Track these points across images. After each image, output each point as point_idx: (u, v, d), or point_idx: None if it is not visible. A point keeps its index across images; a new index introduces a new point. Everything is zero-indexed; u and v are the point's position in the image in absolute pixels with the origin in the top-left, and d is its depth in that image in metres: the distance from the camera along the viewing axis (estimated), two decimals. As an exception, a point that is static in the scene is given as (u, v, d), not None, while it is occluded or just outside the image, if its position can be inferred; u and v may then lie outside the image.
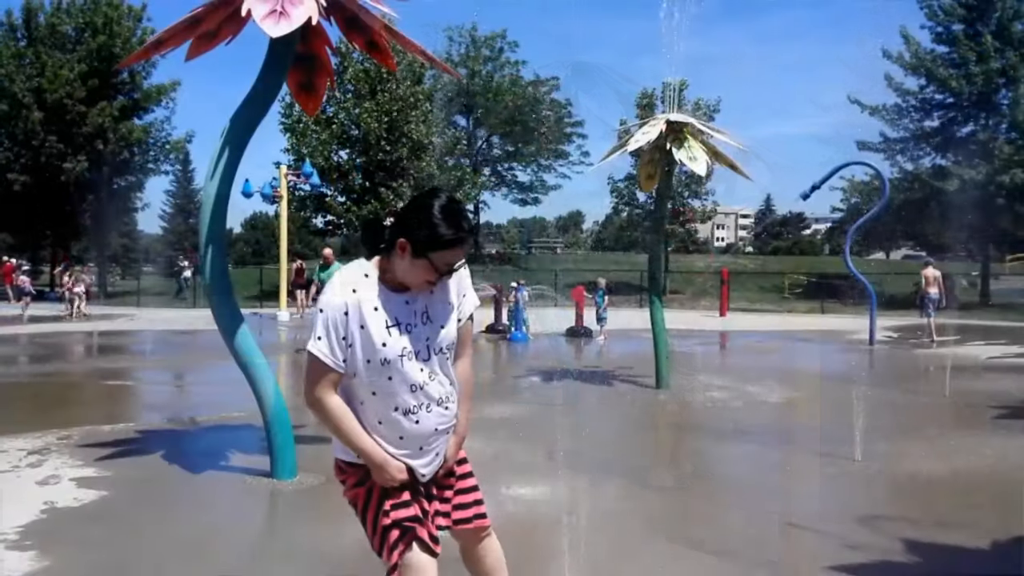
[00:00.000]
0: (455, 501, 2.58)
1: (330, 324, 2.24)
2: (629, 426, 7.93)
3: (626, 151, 10.11)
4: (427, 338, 2.35)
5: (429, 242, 2.20)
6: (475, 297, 2.54)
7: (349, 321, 2.25)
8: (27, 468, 5.58)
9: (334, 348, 2.25)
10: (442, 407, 2.41)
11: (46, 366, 12.57)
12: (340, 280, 2.30)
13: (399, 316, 2.31)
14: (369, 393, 2.34)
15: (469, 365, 2.62)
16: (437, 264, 2.23)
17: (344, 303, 2.25)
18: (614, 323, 19.15)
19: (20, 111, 32.59)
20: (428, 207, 2.22)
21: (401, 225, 2.25)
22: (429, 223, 2.20)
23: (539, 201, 56.22)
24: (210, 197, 5.33)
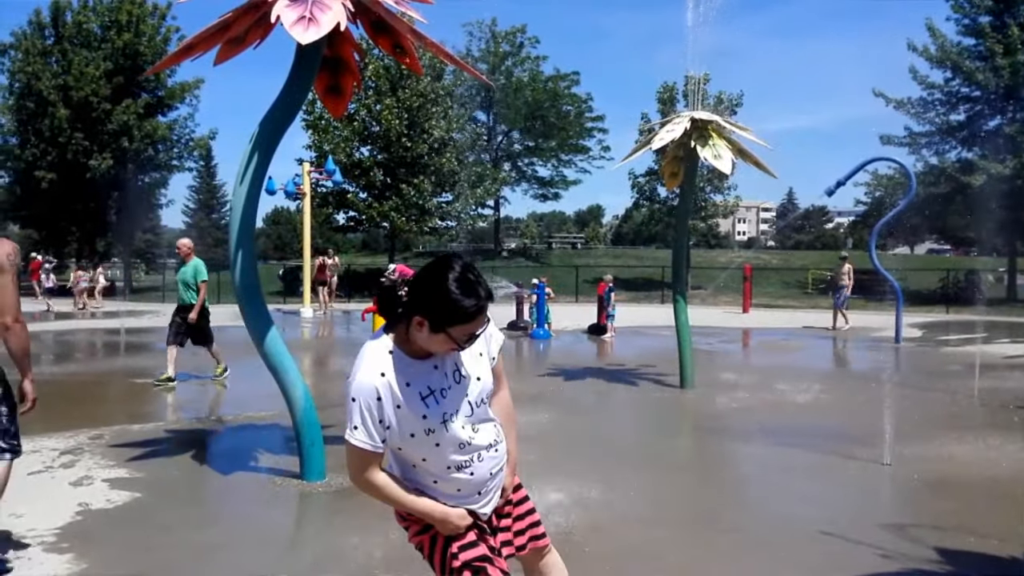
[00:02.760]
0: (515, 528, 2.62)
1: (364, 411, 2.19)
2: (655, 427, 7.90)
3: (650, 149, 10.08)
4: (465, 395, 2.33)
5: (447, 318, 2.13)
6: (499, 333, 2.49)
7: (383, 405, 2.20)
8: (60, 468, 5.66)
9: (372, 434, 2.21)
10: (492, 450, 2.41)
11: (73, 363, 12.74)
12: (366, 364, 2.23)
13: (431, 384, 2.27)
14: (420, 459, 2.33)
15: (507, 395, 2.64)
16: (456, 337, 2.17)
17: (375, 388, 2.19)
18: (636, 320, 19.14)
19: (47, 109, 33.01)
20: (443, 280, 2.12)
21: (416, 300, 2.17)
22: (446, 298, 2.11)
23: (559, 196, 56.18)
24: (240, 200, 5.37)
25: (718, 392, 9.51)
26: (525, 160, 54.59)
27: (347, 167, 32.59)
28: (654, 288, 35.02)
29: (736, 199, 39.74)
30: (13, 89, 34.51)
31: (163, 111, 36.73)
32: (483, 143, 50.46)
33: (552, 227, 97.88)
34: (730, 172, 9.83)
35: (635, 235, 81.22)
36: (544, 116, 49.98)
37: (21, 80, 33.73)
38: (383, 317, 2.29)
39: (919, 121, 32.26)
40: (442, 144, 35.63)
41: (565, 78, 50.87)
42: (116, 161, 34.05)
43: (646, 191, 40.06)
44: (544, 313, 17.02)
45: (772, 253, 56.15)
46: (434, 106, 35.07)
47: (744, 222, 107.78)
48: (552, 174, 54.54)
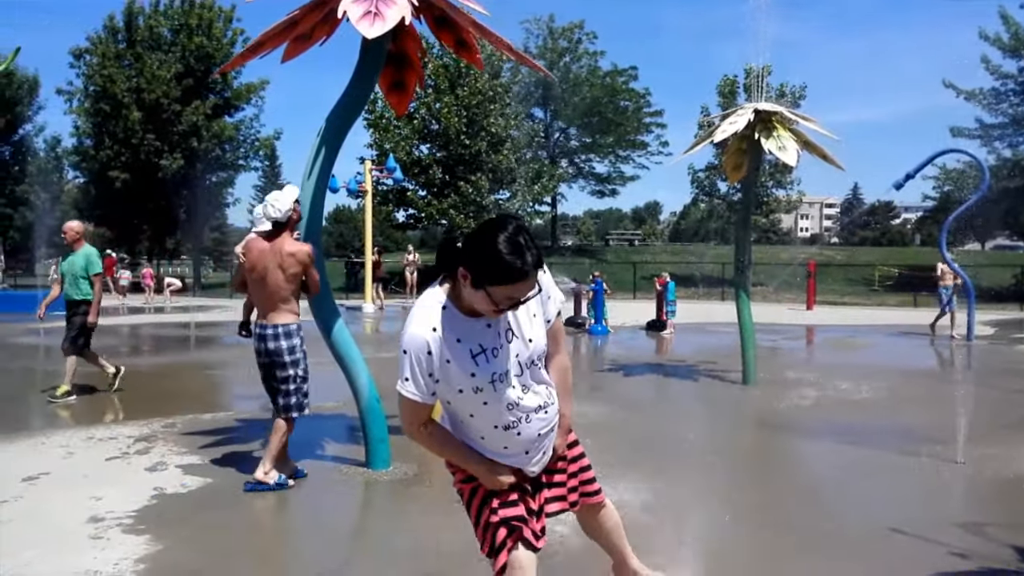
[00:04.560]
0: (569, 484, 2.67)
1: (414, 364, 2.22)
2: (717, 423, 7.80)
3: (712, 141, 9.94)
4: (516, 354, 2.32)
5: (487, 274, 2.10)
6: (559, 294, 2.49)
7: (433, 359, 2.22)
8: (135, 455, 5.87)
9: (421, 386, 2.25)
10: (541, 412, 2.41)
11: (147, 356, 13.18)
12: (419, 316, 2.24)
13: (483, 342, 2.27)
14: (467, 415, 2.37)
15: (565, 358, 2.62)
16: (496, 298, 2.13)
17: (426, 342, 2.21)
18: (696, 316, 18.91)
19: (121, 111, 34.20)
20: (492, 237, 2.09)
21: (464, 252, 2.16)
22: (488, 254, 2.09)
23: (617, 193, 55.83)
24: (307, 195, 5.47)
25: (783, 389, 9.34)
26: (582, 156, 54.36)
27: (407, 165, 32.97)
28: (713, 285, 34.51)
29: (800, 194, 38.96)
30: (89, 92, 35.83)
31: (230, 112, 37.73)
32: (540, 140, 50.43)
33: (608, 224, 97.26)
34: (795, 164, 9.63)
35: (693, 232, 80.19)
36: (602, 112, 49.68)
37: (97, 83, 34.98)
38: (441, 270, 2.30)
39: (991, 112, 31.13)
40: (500, 141, 35.74)
41: (623, 73, 50.50)
42: (186, 161, 35.12)
43: (706, 186, 39.56)
44: (602, 309, 16.94)
45: (836, 249, 54.83)
46: (492, 103, 35.22)
47: (807, 218, 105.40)
48: (610, 170, 54.22)
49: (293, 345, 4.99)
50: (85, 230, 8.59)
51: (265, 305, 4.98)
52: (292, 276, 4.98)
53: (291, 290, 4.99)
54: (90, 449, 6.02)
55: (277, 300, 4.95)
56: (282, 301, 4.96)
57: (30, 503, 4.66)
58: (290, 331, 5.00)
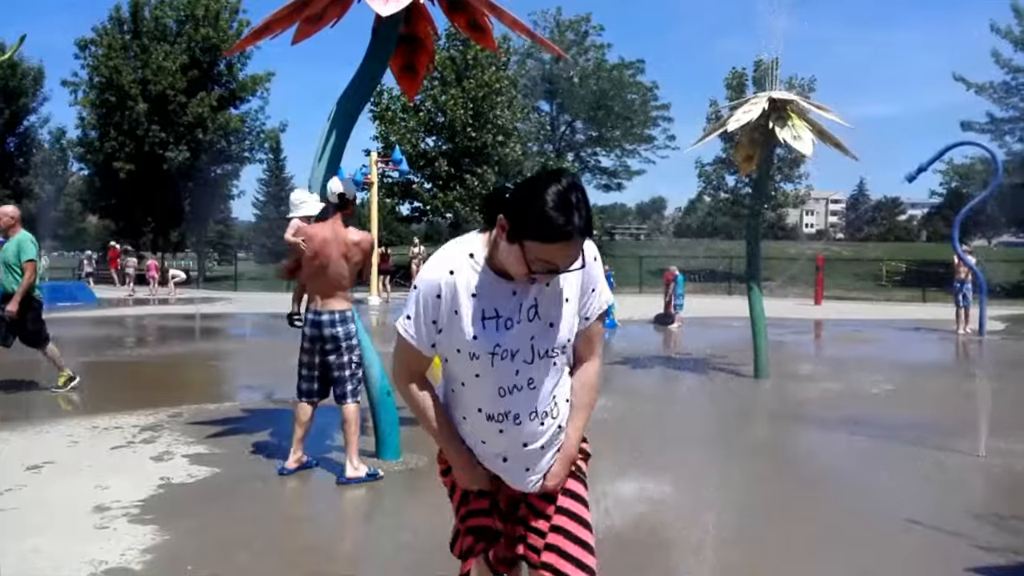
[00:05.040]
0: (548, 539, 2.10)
1: (421, 304, 1.97)
2: (729, 416, 7.67)
3: (726, 131, 9.80)
4: (532, 337, 1.99)
5: (526, 226, 1.81)
6: (609, 293, 2.16)
7: (442, 304, 1.95)
8: (141, 444, 5.76)
9: (421, 330, 1.99)
10: (536, 421, 2.05)
11: (151, 347, 13.10)
12: (440, 256, 2.00)
13: (500, 308, 1.97)
14: (459, 383, 2.07)
15: (595, 371, 2.20)
16: (529, 256, 1.83)
17: (438, 284, 1.95)
18: (702, 310, 18.79)
19: (127, 102, 34.11)
20: (542, 187, 1.81)
21: (511, 198, 1.87)
22: (533, 203, 1.80)
23: (623, 187, 55.60)
24: (317, 180, 5.36)
25: (796, 383, 9.22)
26: (588, 150, 54.12)
27: (413, 157, 32.85)
28: (719, 279, 34.36)
29: (807, 188, 38.74)
30: (94, 83, 35.74)
31: (235, 104, 37.62)
32: (546, 133, 50.26)
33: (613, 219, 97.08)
34: (810, 154, 9.49)
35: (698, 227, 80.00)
36: (608, 105, 49.45)
37: (103, 74, 34.89)
38: (485, 218, 2.00)
39: (1002, 106, 30.90)
40: (506, 134, 35.61)
41: (630, 66, 50.22)
42: (191, 153, 35.03)
43: (713, 180, 39.38)
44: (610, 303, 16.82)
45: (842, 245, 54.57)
46: (499, 96, 35.07)
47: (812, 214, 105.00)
48: (615, 164, 54.00)
49: (350, 331, 4.99)
50: (21, 215, 7.86)
51: (323, 292, 4.96)
52: (355, 265, 5.00)
53: (350, 278, 5.00)
54: (95, 438, 5.91)
55: (336, 288, 4.95)
56: (340, 289, 4.97)
57: (34, 491, 4.56)
58: (346, 317, 4.98)
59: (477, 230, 2.05)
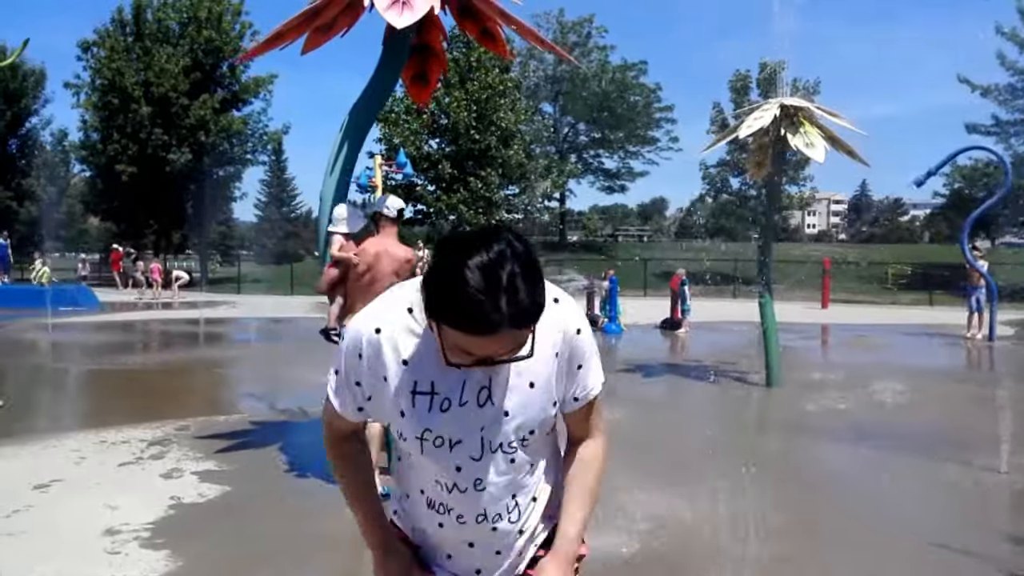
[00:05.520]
0: None
1: (343, 360, 1.56)
2: (742, 427, 7.57)
3: (738, 137, 9.72)
4: (481, 427, 1.53)
5: (441, 308, 1.32)
6: (600, 373, 1.67)
7: (363, 367, 1.53)
8: (150, 460, 5.67)
9: (344, 392, 1.58)
10: (486, 525, 1.60)
11: (156, 353, 13.01)
12: (372, 308, 1.58)
13: (436, 382, 1.50)
14: (407, 454, 1.63)
15: (598, 449, 1.80)
16: (447, 342, 1.37)
17: (360, 341, 1.52)
18: (709, 315, 18.69)
19: (129, 104, 34.03)
20: (461, 257, 1.30)
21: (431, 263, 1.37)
22: (447, 280, 1.30)
23: (626, 188, 55.59)
24: (330, 190, 5.28)
25: (808, 391, 9.11)
26: (591, 152, 54.10)
27: (416, 160, 32.78)
28: (725, 282, 34.24)
29: (812, 191, 38.66)
30: (96, 86, 35.66)
31: (238, 106, 37.54)
32: (550, 135, 50.21)
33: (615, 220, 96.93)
34: (823, 161, 9.41)
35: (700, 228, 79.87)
36: (611, 107, 49.40)
37: (105, 77, 34.81)
38: None
39: (1008, 109, 30.82)
40: (510, 136, 35.55)
41: (633, 68, 50.21)
42: (193, 155, 34.95)
43: (717, 182, 39.31)
44: (616, 308, 16.70)
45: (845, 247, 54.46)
46: (502, 98, 35.01)
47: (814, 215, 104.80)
48: (619, 166, 53.95)
49: None
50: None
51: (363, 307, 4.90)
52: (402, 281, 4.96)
53: None
54: (102, 453, 5.82)
55: None
56: None
57: (43, 513, 4.47)
58: None
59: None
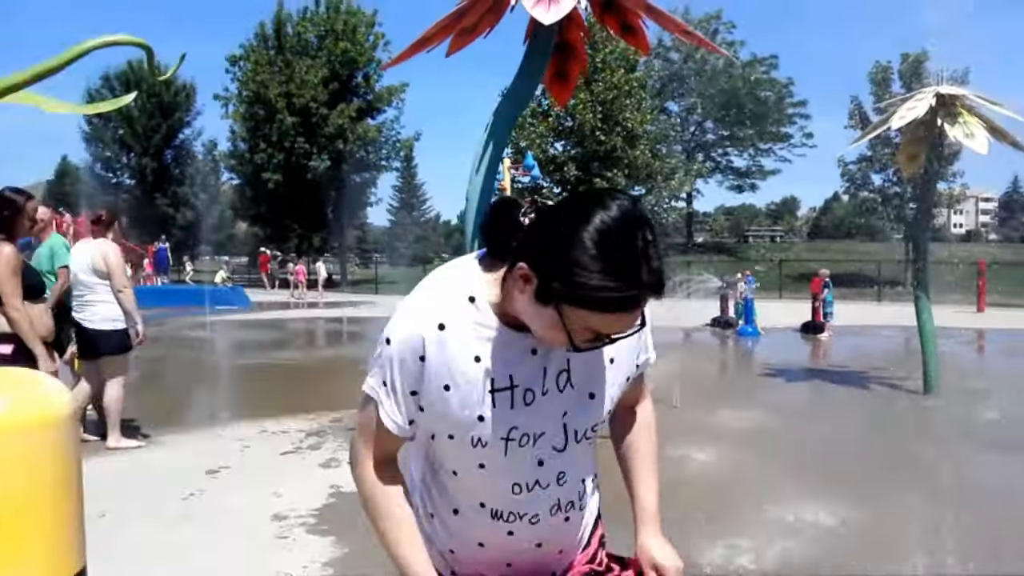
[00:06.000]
0: None
1: (395, 367, 1.33)
2: (901, 438, 7.12)
3: (889, 128, 9.21)
4: (564, 415, 1.40)
5: (569, 289, 1.18)
6: (651, 341, 1.55)
7: (427, 371, 1.33)
8: (308, 450, 5.93)
9: (396, 405, 1.36)
10: (560, 516, 1.48)
11: (304, 349, 13.66)
12: (423, 300, 1.36)
13: (516, 373, 1.35)
14: (450, 470, 1.45)
15: (651, 411, 1.67)
16: (572, 325, 1.22)
17: (421, 341, 1.31)
18: (852, 318, 17.82)
19: (275, 116, 36.04)
20: (594, 227, 1.16)
21: (534, 239, 1.24)
22: (579, 257, 1.16)
23: (756, 187, 53.94)
24: (476, 190, 5.36)
25: (971, 400, 8.49)
26: (719, 150, 52.82)
27: (541, 163, 32.96)
28: (865, 284, 32.59)
29: (962, 187, 36.21)
30: (243, 97, 37.94)
31: (372, 114, 39.02)
32: (676, 134, 49.37)
33: (743, 221, 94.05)
34: (986, 152, 8.77)
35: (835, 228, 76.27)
36: (740, 104, 48.05)
37: (251, 89, 36.99)
38: (487, 243, 1.37)
39: None
40: (635, 136, 35.19)
41: (763, 63, 48.68)
42: (332, 162, 36.62)
43: (857, 179, 37.46)
44: (752, 311, 16.17)
45: (998, 247, 50.64)
46: (627, 98, 34.69)
47: (960, 213, 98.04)
48: (749, 164, 52.41)
49: None
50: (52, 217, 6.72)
51: None
52: None
53: None
54: (264, 443, 6.13)
55: None
56: None
57: (214, 497, 4.75)
58: None
59: (474, 255, 1.41)
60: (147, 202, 44.60)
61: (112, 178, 47.66)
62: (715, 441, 6.39)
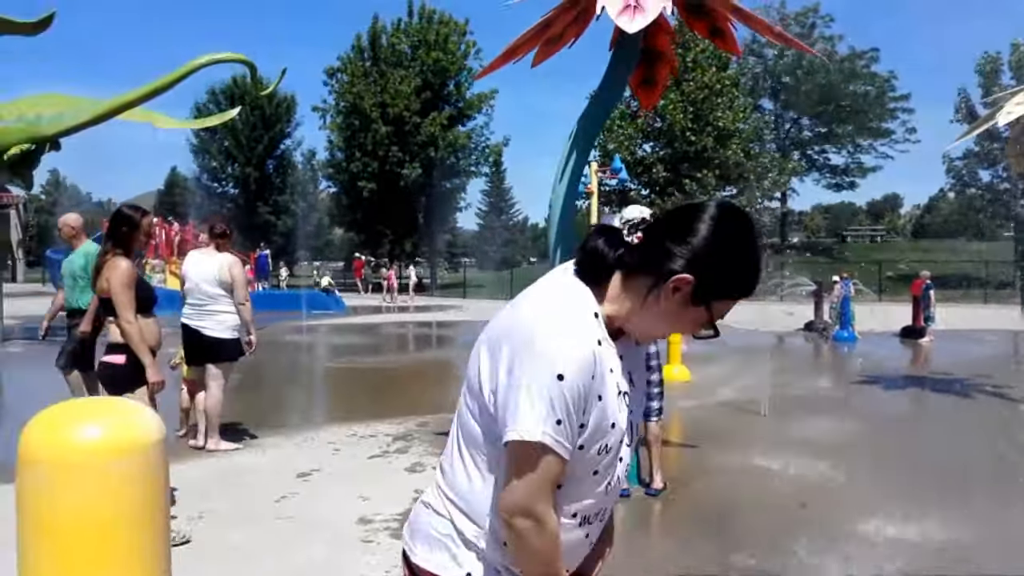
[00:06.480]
0: None
1: (571, 397, 1.33)
2: (1008, 450, 6.75)
3: (996, 124, 8.77)
4: (631, 412, 1.52)
5: (732, 285, 1.41)
6: None
7: (594, 390, 1.37)
8: (395, 454, 6.07)
9: (570, 436, 1.35)
10: (606, 513, 1.59)
11: (395, 353, 13.98)
12: (572, 320, 1.39)
13: (621, 379, 1.47)
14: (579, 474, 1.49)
15: None
16: (717, 316, 1.44)
17: (592, 361, 1.35)
18: (956, 322, 16.97)
19: (370, 125, 37.04)
20: (742, 238, 1.40)
21: (697, 253, 1.38)
22: (740, 262, 1.41)
23: (856, 185, 51.91)
24: (559, 197, 5.40)
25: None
26: (816, 148, 51.12)
27: (629, 165, 32.67)
28: (973, 286, 30.97)
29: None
30: (340, 108, 39.13)
31: (463, 121, 39.61)
32: (770, 131, 48.08)
33: (841, 219, 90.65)
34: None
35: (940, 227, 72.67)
36: (839, 99, 46.37)
37: (347, 100, 38.12)
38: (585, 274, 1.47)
39: None
40: (727, 136, 34.47)
41: (862, 56, 46.86)
42: (423, 169, 37.36)
43: (964, 175, 35.61)
44: (849, 313, 15.61)
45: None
46: (719, 97, 34.03)
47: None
48: (847, 161, 50.51)
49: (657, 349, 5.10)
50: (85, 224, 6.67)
51: None
52: None
53: None
54: (354, 446, 6.32)
55: None
56: None
57: (306, 499, 4.93)
58: None
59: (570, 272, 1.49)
60: (249, 210, 46.59)
61: (217, 188, 49.96)
62: (801, 452, 6.22)
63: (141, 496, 1.63)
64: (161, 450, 1.71)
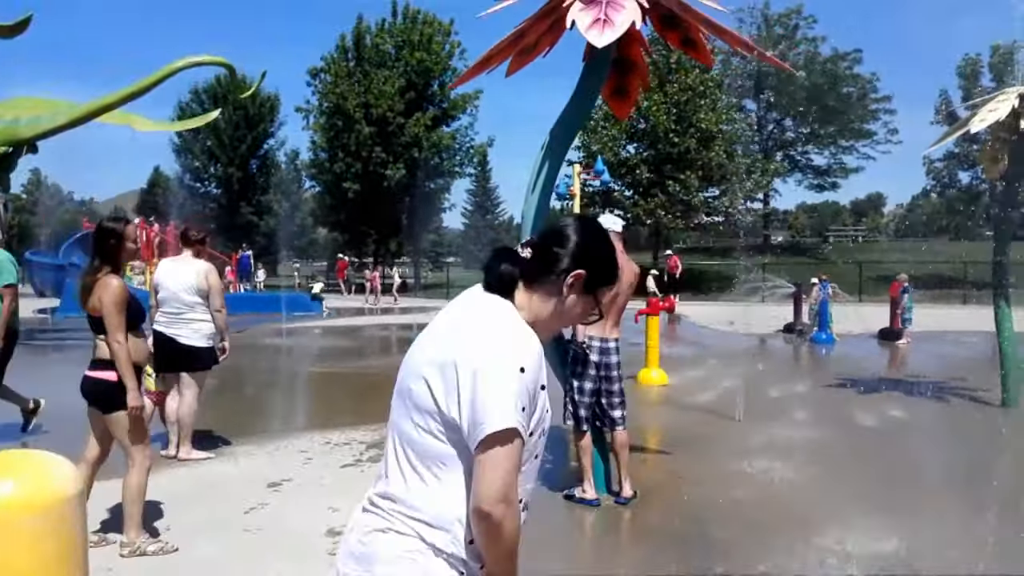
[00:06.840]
0: None
1: (529, 389, 1.57)
2: (977, 454, 6.83)
3: (969, 131, 8.87)
4: None
5: (607, 275, 1.77)
6: None
7: (539, 380, 1.62)
8: (368, 463, 6.07)
9: (529, 421, 1.59)
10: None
11: (375, 357, 13.96)
12: (515, 324, 1.65)
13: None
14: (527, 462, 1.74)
15: None
16: (602, 300, 1.79)
17: (540, 355, 1.63)
18: (934, 324, 17.12)
19: (353, 126, 36.94)
20: (602, 239, 1.78)
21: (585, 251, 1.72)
22: (607, 256, 1.77)
23: (837, 186, 52.23)
24: (531, 207, 5.40)
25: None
26: (799, 149, 51.42)
27: (613, 166, 32.80)
28: (953, 286, 31.24)
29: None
30: (323, 109, 39.00)
31: (447, 122, 39.58)
32: (753, 133, 48.30)
33: (825, 219, 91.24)
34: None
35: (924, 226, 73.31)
36: (822, 101, 46.65)
37: (331, 100, 37.99)
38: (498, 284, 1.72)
39: None
40: (710, 137, 34.61)
41: (845, 58, 47.17)
42: (407, 170, 37.32)
43: (944, 177, 35.97)
44: (827, 316, 15.72)
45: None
46: (702, 99, 34.17)
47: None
48: (830, 162, 50.84)
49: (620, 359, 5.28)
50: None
51: (614, 320, 5.18)
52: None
53: None
54: (327, 455, 6.31)
55: (619, 316, 5.25)
56: (619, 317, 5.25)
57: (275, 511, 4.92)
58: (619, 346, 5.23)
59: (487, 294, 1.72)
60: (232, 210, 46.29)
61: (200, 188, 49.62)
62: (774, 457, 6.27)
63: (55, 552, 1.63)
64: (77, 504, 1.71)
